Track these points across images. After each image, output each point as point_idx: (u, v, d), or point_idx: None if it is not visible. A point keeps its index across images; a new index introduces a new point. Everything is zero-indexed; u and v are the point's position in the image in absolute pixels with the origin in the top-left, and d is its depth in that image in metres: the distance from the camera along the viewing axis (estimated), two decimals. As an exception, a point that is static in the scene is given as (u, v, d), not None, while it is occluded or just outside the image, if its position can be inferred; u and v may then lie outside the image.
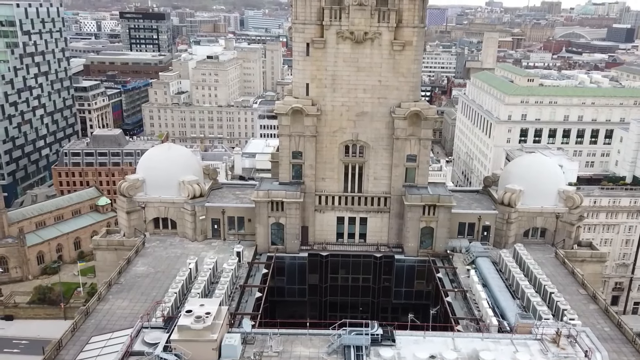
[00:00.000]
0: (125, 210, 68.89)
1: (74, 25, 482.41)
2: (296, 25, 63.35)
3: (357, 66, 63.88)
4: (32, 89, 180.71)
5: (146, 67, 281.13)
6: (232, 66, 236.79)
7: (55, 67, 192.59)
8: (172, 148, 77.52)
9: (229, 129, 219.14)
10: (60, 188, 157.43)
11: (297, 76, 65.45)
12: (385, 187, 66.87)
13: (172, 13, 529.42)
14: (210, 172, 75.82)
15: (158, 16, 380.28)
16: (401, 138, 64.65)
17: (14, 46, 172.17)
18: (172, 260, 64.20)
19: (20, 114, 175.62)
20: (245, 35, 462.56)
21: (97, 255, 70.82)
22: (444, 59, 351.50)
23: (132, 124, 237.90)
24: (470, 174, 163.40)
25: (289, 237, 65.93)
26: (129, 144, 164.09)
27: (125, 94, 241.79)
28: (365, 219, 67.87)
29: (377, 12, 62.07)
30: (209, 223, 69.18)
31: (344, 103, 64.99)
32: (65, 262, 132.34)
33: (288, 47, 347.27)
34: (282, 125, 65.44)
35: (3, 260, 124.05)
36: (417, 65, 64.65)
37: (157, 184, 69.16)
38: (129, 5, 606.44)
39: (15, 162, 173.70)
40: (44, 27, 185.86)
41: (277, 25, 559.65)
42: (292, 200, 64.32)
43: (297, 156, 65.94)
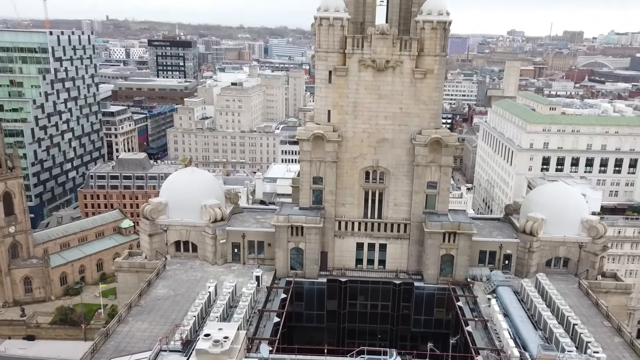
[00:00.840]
0: (147, 233, 69.84)
1: (104, 53, 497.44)
2: (319, 53, 64.53)
3: (378, 93, 64.58)
4: (61, 113, 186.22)
5: (172, 93, 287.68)
6: (256, 93, 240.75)
7: (84, 92, 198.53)
8: (195, 172, 78.61)
9: (251, 154, 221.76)
10: (85, 210, 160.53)
11: (319, 103, 66.34)
12: (405, 213, 66.77)
13: (199, 41, 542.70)
14: (231, 196, 76.65)
15: (185, 44, 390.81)
16: (422, 165, 64.77)
17: (46, 72, 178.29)
18: (192, 283, 64.64)
19: (49, 137, 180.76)
20: (269, 62, 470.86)
21: (119, 277, 71.51)
22: (465, 87, 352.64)
23: (157, 148, 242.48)
24: (492, 201, 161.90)
25: (308, 262, 65.97)
26: (153, 168, 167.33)
27: (151, 118, 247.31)
28: (384, 245, 67.65)
29: (399, 41, 62.98)
30: (229, 247, 69.68)
31: (365, 130, 65.54)
32: (88, 283, 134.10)
33: (311, 74, 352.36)
34: (304, 150, 66.14)
35: (27, 280, 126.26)
36: (439, 93, 65.11)
37: (180, 208, 70.12)
38: (157, 34, 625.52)
39: (42, 184, 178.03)
40: (75, 54, 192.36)
41: (300, 53, 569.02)
42: (312, 225, 64.57)
43: (317, 181, 66.41)
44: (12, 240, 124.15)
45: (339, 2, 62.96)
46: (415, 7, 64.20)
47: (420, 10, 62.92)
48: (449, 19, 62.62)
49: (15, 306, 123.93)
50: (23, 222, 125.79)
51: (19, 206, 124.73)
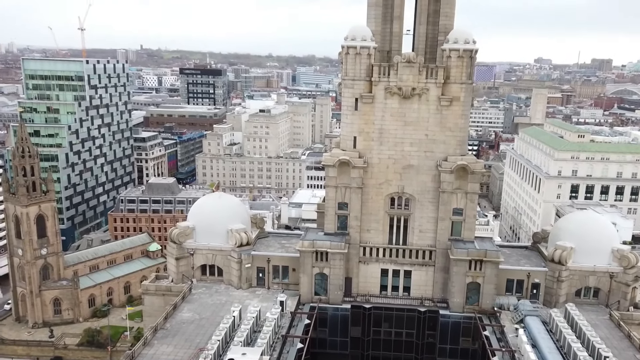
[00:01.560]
0: (174, 256, 70.91)
1: (137, 80, 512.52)
2: (346, 81, 65.63)
3: (404, 120, 65.14)
4: (95, 138, 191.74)
5: (201, 120, 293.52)
6: (283, 119, 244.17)
7: (117, 118, 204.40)
8: (222, 197, 79.94)
9: (277, 179, 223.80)
10: (115, 233, 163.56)
11: (345, 129, 67.20)
12: (431, 240, 66.45)
13: (229, 69, 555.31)
14: (257, 221, 77.43)
15: (215, 72, 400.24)
16: (447, 191, 64.64)
17: (81, 99, 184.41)
18: (217, 307, 65.08)
19: (82, 162, 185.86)
20: (297, 90, 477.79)
21: (145, 299, 72.48)
22: (492, 114, 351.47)
23: (186, 173, 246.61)
24: (519, 229, 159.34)
25: (333, 288, 65.86)
26: (182, 192, 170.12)
27: (181, 144, 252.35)
28: (409, 272, 67.21)
29: (425, 69, 63.77)
30: (254, 271, 70.15)
31: (391, 156, 65.96)
32: (115, 305, 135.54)
33: (337, 101, 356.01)
34: (329, 176, 66.76)
35: (57, 302, 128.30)
36: (465, 120, 65.29)
37: (207, 232, 71.13)
38: (189, 62, 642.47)
39: (74, 207, 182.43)
40: (110, 82, 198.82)
41: (327, 81, 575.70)
42: (336, 251, 64.69)
43: (342, 207, 66.77)
44: (43, 262, 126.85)
45: (366, 32, 64.25)
46: (442, 36, 65.06)
47: (447, 39, 63.74)
48: (475, 48, 63.25)
49: (44, 327, 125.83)
50: (55, 244, 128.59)
51: (51, 229, 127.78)
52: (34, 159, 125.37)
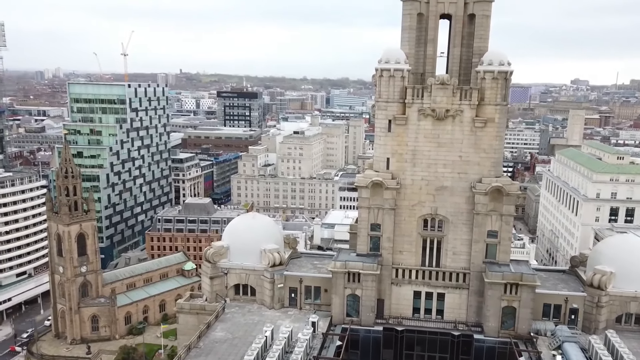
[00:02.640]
0: (209, 275, 71.90)
1: (176, 103, 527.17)
2: (379, 103, 66.18)
3: (437, 142, 65.09)
4: (134, 159, 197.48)
5: (237, 141, 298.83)
6: (317, 141, 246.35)
7: (156, 140, 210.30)
8: (256, 217, 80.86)
9: (310, 200, 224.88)
10: (152, 252, 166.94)
11: (378, 151, 67.52)
12: (465, 262, 65.60)
13: (264, 92, 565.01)
14: (290, 241, 78.01)
15: (251, 95, 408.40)
16: (482, 213, 63.95)
17: (123, 121, 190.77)
18: (249, 326, 65.53)
19: (122, 182, 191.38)
20: (330, 112, 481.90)
21: (180, 318, 73.44)
22: (527, 136, 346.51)
23: (221, 194, 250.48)
24: (556, 252, 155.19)
25: (365, 310, 65.52)
26: (217, 213, 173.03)
27: (217, 165, 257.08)
28: (443, 295, 66.33)
29: (459, 90, 63.80)
30: (286, 291, 70.46)
31: (424, 177, 65.83)
32: (150, 323, 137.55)
33: (370, 123, 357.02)
34: (362, 197, 66.96)
35: (95, 318, 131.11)
36: (499, 142, 64.80)
37: (240, 252, 72.01)
38: (226, 86, 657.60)
39: (114, 226, 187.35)
40: (150, 105, 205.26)
41: (360, 103, 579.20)
42: (368, 272, 64.51)
43: (375, 228, 66.74)
44: (83, 280, 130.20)
45: (400, 54, 64.88)
46: (476, 57, 65.14)
47: (481, 60, 63.79)
48: (510, 69, 63.13)
49: (82, 343, 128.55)
50: (94, 262, 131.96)
51: (91, 247, 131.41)
52: (77, 179, 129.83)
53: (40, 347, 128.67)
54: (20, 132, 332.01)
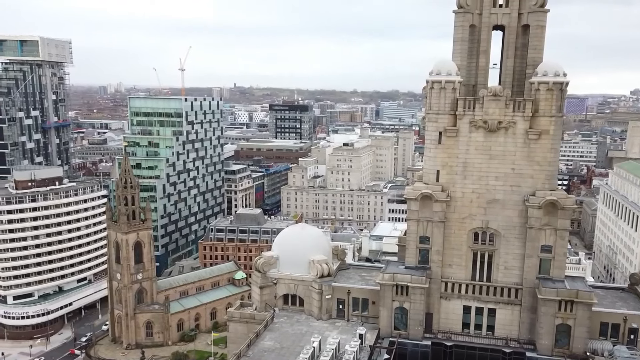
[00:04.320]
0: (258, 285, 73.14)
1: (230, 116, 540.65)
2: (430, 115, 65.90)
3: (489, 154, 64.07)
4: (189, 171, 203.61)
5: (288, 153, 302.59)
6: (366, 153, 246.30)
7: (210, 152, 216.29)
8: (305, 228, 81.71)
9: (358, 211, 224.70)
10: (204, 261, 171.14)
11: (428, 163, 67.10)
12: (517, 277, 63.89)
13: (315, 105, 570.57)
14: (338, 252, 78.30)
15: (302, 108, 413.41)
16: (535, 227, 62.25)
17: (179, 134, 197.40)
18: (297, 337, 66.07)
19: (177, 192, 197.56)
20: (380, 124, 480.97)
21: (230, 326, 74.89)
22: (584, 148, 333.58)
23: (271, 205, 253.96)
24: (614, 269, 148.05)
25: (413, 323, 64.84)
26: (267, 223, 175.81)
27: (268, 177, 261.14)
28: (494, 310, 64.75)
29: (513, 102, 62.73)
30: (334, 303, 70.70)
31: (475, 190, 64.85)
32: (201, 331, 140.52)
33: (420, 135, 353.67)
34: (411, 210, 66.58)
35: (149, 325, 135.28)
36: (554, 154, 63.12)
37: (289, 262, 72.98)
38: (278, 99, 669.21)
39: (169, 235, 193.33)
40: (205, 118, 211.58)
41: (410, 115, 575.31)
42: (417, 285, 63.93)
43: (424, 241, 66.15)
44: (139, 287, 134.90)
45: (451, 66, 64.54)
46: (530, 68, 63.98)
47: (535, 71, 62.64)
48: (566, 80, 61.63)
49: (136, 348, 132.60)
50: (150, 270, 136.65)
51: (147, 255, 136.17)
52: (135, 190, 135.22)
53: (97, 351, 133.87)
54: (83, 144, 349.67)
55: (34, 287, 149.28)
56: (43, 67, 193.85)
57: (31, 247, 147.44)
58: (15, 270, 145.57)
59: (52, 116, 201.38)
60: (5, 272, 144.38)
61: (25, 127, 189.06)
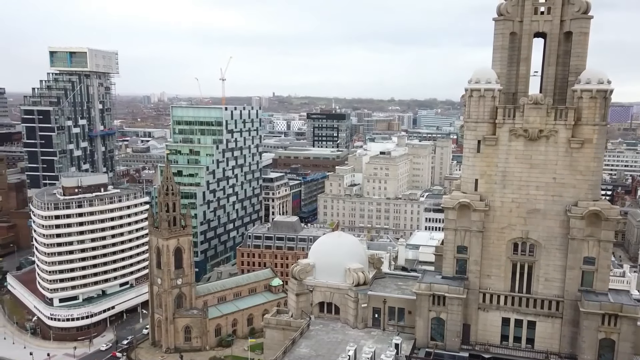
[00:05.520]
0: (295, 292, 73.74)
1: (268, 125, 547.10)
2: (468, 123, 65.31)
3: (530, 163, 63.02)
4: (228, 178, 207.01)
5: (325, 161, 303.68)
6: (402, 161, 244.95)
7: (249, 160, 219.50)
8: (342, 236, 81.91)
9: (395, 220, 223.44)
10: (242, 267, 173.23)
11: (467, 172, 66.37)
12: (558, 290, 62.30)
13: (352, 113, 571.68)
14: (375, 261, 78.17)
15: (339, 116, 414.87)
16: (577, 239, 60.68)
17: (219, 142, 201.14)
18: (332, 345, 66.21)
19: (217, 200, 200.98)
20: (417, 132, 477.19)
21: (267, 333, 75.59)
22: (629, 157, 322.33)
23: (308, 212, 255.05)
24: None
25: (450, 334, 64.03)
26: (304, 231, 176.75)
27: (305, 184, 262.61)
28: (533, 323, 63.25)
29: (554, 110, 61.65)
30: (370, 311, 70.53)
31: (514, 199, 63.79)
32: (238, 336, 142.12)
33: (458, 143, 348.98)
34: (448, 219, 66.00)
35: (187, 329, 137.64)
36: (597, 164, 61.53)
37: (325, 270, 73.35)
38: (316, 107, 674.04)
39: (208, 241, 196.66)
40: (244, 127, 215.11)
41: (448, 124, 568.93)
42: (454, 295, 63.18)
43: (462, 251, 65.40)
44: (178, 292, 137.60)
45: (491, 74, 63.92)
46: (573, 76, 62.81)
47: (578, 79, 61.43)
48: (610, 88, 60.30)
49: (175, 352, 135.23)
50: (189, 275, 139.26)
51: (187, 261, 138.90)
52: (176, 196, 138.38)
53: (138, 354, 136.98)
54: (127, 152, 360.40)
55: (79, 290, 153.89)
56: (91, 77, 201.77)
57: (77, 251, 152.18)
58: (61, 274, 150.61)
59: (99, 125, 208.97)
60: (52, 275, 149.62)
61: (73, 135, 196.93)
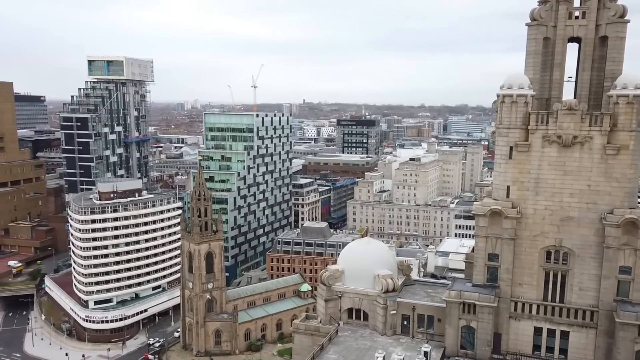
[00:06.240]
0: (324, 298, 73.80)
1: (299, 131, 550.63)
2: (500, 129, 64.43)
3: (563, 170, 61.82)
4: (259, 184, 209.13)
5: (354, 168, 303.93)
6: (432, 167, 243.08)
7: (279, 166, 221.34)
8: (371, 242, 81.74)
9: (424, 227, 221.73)
10: (271, 272, 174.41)
11: (498, 178, 65.49)
12: (592, 299, 60.79)
13: (382, 120, 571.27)
14: (404, 267, 77.71)
15: (369, 123, 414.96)
16: (613, 247, 59.17)
17: (250, 149, 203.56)
18: (361, 351, 66.02)
19: (247, 205, 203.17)
20: (447, 139, 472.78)
21: (295, 338, 75.91)
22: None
23: (337, 218, 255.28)
24: None
25: (480, 343, 63.11)
26: (333, 237, 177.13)
27: (334, 190, 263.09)
28: (567, 333, 61.76)
29: (589, 116, 60.37)
30: (399, 318, 70.13)
31: (547, 207, 62.64)
32: (267, 341, 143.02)
33: (489, 150, 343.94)
34: (479, 226, 65.19)
35: (218, 333, 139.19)
36: (634, 170, 59.97)
37: (354, 276, 73.19)
38: (346, 114, 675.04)
39: (238, 246, 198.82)
40: (275, 133, 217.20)
41: (479, 130, 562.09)
42: (485, 303, 62.31)
43: (493, 258, 64.52)
44: (209, 296, 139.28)
45: (524, 80, 63.08)
46: (608, 81, 61.46)
47: (614, 84, 60.07)
48: (648, 92, 58.59)
49: (205, 356, 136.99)
50: (220, 279, 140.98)
51: (217, 265, 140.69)
52: (208, 202, 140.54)
53: (169, 357, 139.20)
54: (161, 158, 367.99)
55: (113, 293, 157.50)
56: (127, 85, 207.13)
57: (111, 255, 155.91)
58: (96, 277, 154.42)
59: (134, 131, 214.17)
60: (87, 278, 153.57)
61: (109, 142, 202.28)
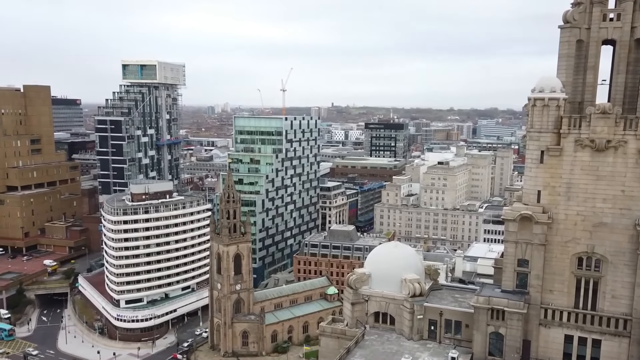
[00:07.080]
0: (350, 301, 73.92)
1: (327, 135, 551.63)
2: (531, 133, 63.52)
3: (596, 175, 60.58)
4: (287, 187, 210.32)
5: (382, 171, 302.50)
6: (461, 171, 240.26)
7: (307, 169, 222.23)
8: (398, 246, 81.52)
9: (452, 231, 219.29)
10: (298, 275, 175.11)
11: (529, 183, 64.57)
12: (626, 307, 59.27)
13: (410, 123, 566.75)
14: (431, 272, 77.25)
15: (397, 126, 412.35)
16: (648, 255, 57.68)
17: (279, 152, 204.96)
18: (387, 356, 65.89)
19: (275, 208, 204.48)
20: (477, 142, 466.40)
21: (322, 340, 76.24)
22: None
23: (364, 222, 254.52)
24: None
25: (509, 350, 62.22)
26: (360, 240, 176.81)
27: (362, 194, 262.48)
28: (599, 341, 60.38)
29: (623, 119, 59.08)
30: (425, 323, 69.68)
31: (579, 212, 61.42)
32: (294, 343, 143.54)
33: (520, 154, 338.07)
34: (509, 231, 64.38)
35: (245, 334, 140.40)
36: (670, 176, 58.39)
37: (381, 279, 73.15)
38: (374, 117, 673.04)
39: (266, 248, 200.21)
40: (303, 136, 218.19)
41: (509, 133, 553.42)
42: (514, 310, 61.44)
43: (522, 264, 63.57)
44: (237, 297, 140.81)
45: (556, 83, 62.09)
46: (644, 84, 60.12)
47: (650, 87, 58.71)
48: (685, 96, 57.11)
49: (232, 357, 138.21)
50: (247, 281, 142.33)
51: (245, 267, 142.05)
52: (237, 204, 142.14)
53: (197, 357, 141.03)
54: (192, 160, 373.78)
55: (144, 292, 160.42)
56: (159, 89, 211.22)
57: (142, 255, 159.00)
58: (128, 277, 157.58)
59: (166, 134, 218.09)
60: (119, 278, 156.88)
61: (142, 144, 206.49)
